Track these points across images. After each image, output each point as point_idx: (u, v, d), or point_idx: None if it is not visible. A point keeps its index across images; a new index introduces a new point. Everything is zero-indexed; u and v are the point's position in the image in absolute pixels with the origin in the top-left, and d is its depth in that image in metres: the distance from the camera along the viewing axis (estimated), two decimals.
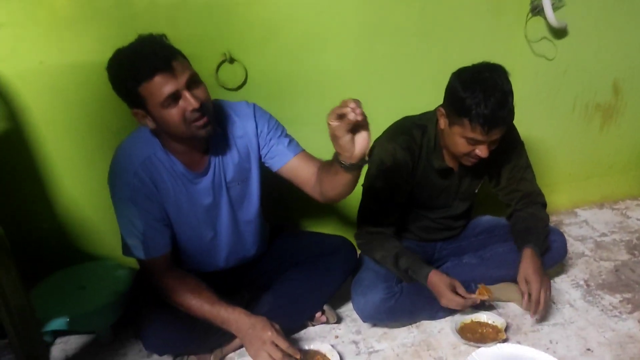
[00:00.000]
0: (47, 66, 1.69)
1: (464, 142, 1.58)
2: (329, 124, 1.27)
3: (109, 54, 1.70)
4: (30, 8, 1.63)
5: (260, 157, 1.63)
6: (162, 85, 1.33)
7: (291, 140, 1.64)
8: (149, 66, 1.32)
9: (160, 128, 1.43)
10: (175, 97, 1.35)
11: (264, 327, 1.49)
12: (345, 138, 1.28)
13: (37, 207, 1.85)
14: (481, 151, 1.58)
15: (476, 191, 1.87)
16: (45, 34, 1.66)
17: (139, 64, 1.33)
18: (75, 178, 1.84)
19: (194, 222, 1.60)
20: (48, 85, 1.71)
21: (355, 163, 1.34)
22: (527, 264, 1.70)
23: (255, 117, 1.59)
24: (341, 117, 1.25)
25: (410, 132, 1.72)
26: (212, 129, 1.43)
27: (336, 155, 1.36)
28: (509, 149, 1.81)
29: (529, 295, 1.68)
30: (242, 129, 1.58)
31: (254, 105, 1.62)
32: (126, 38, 1.46)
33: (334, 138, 1.29)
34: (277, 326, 1.52)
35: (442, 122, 1.66)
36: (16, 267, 1.35)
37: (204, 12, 1.79)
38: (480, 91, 1.50)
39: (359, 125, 1.27)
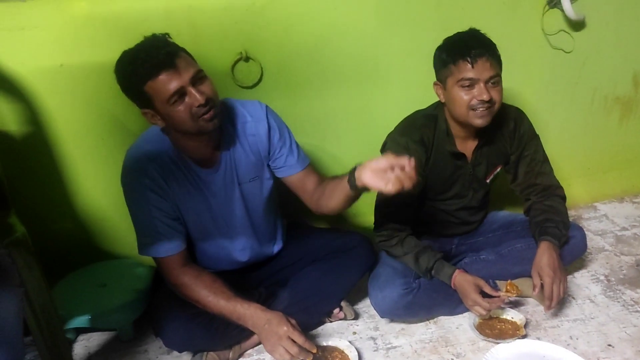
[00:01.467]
0: (67, 68, 1.72)
1: (461, 91, 1.59)
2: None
3: None
4: (50, 12, 1.66)
5: (268, 159, 1.65)
6: (167, 83, 1.35)
7: (299, 152, 1.66)
8: (152, 64, 1.34)
9: (169, 125, 1.45)
10: (180, 93, 1.37)
11: (280, 322, 1.50)
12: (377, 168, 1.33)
13: (58, 206, 1.88)
14: (480, 92, 1.57)
15: (488, 181, 1.85)
16: (65, 37, 1.69)
17: (142, 63, 1.35)
18: (96, 178, 1.86)
19: (207, 219, 1.62)
20: (68, 88, 1.74)
21: (357, 185, 1.39)
22: (541, 257, 1.70)
23: (268, 119, 1.60)
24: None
25: (421, 124, 1.74)
26: (219, 121, 1.45)
27: (353, 169, 1.40)
28: (524, 142, 1.81)
29: (543, 288, 1.67)
30: (254, 128, 1.60)
31: (267, 106, 1.63)
32: (144, 36, 1.48)
33: (373, 161, 1.34)
34: (293, 321, 1.53)
35: (441, 95, 1.68)
36: (39, 266, 1.38)
37: (220, 12, 1.80)
38: (455, 41, 1.64)
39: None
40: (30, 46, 1.66)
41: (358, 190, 1.42)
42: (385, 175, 1.30)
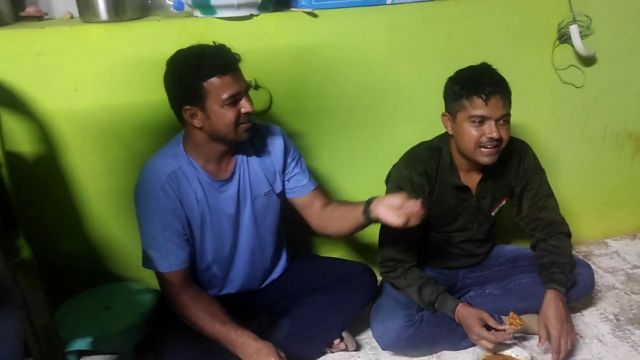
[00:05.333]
0: (81, 93, 1.76)
1: (472, 127, 1.60)
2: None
3: (140, 81, 1.77)
4: (66, 39, 1.70)
5: (282, 177, 1.69)
6: (230, 84, 1.44)
7: (309, 174, 1.73)
8: (222, 63, 1.44)
9: (207, 127, 1.49)
10: (236, 98, 1.46)
11: (268, 353, 1.51)
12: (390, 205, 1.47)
13: (67, 228, 1.90)
14: (491, 130, 1.58)
15: (493, 214, 1.84)
16: (80, 64, 1.73)
17: (212, 59, 1.44)
18: (106, 201, 1.89)
19: (217, 233, 1.64)
20: (82, 112, 1.77)
21: (370, 217, 1.52)
22: (548, 308, 1.67)
23: (284, 138, 1.67)
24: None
25: (425, 156, 1.75)
26: (250, 135, 1.55)
27: (369, 201, 1.53)
28: (528, 175, 1.80)
29: (550, 340, 1.66)
30: (270, 145, 1.66)
31: (281, 129, 1.70)
32: (156, 63, 1.52)
33: (388, 198, 1.50)
34: (282, 354, 1.54)
35: (449, 126, 1.69)
36: (43, 288, 1.40)
37: (232, 40, 1.80)
38: (468, 75, 1.65)
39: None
40: (46, 71, 1.71)
41: (370, 221, 1.54)
42: (397, 211, 1.44)
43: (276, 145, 1.66)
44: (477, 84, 1.59)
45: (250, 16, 1.82)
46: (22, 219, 1.71)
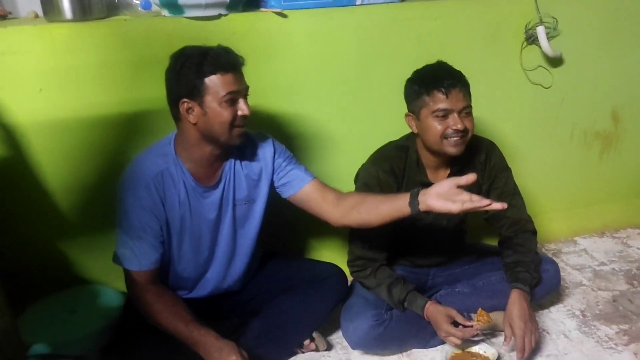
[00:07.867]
0: (46, 93, 1.73)
1: (435, 121, 1.63)
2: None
3: (106, 80, 1.75)
4: (30, 38, 1.67)
5: (272, 183, 1.68)
6: (231, 82, 1.46)
7: (306, 168, 1.71)
8: (226, 61, 1.46)
9: (202, 124, 1.48)
10: (234, 98, 1.47)
11: (230, 352, 1.49)
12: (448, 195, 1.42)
13: (31, 230, 1.86)
14: (455, 122, 1.61)
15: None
16: (45, 63, 1.70)
17: (216, 57, 1.45)
18: (70, 203, 1.86)
19: (195, 237, 1.63)
20: (47, 112, 1.75)
21: (420, 209, 1.46)
22: (512, 308, 1.69)
23: (274, 144, 1.67)
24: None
25: (392, 155, 1.77)
26: (243, 141, 1.55)
27: (415, 193, 1.47)
28: (495, 174, 1.83)
29: (515, 339, 1.67)
30: (261, 151, 1.65)
31: (271, 136, 1.71)
32: (122, 63, 1.50)
33: (436, 186, 1.45)
34: (244, 353, 1.52)
35: (414, 125, 1.72)
36: (2, 291, 1.37)
37: (202, 40, 1.79)
38: (426, 72, 1.69)
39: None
40: (9, 71, 1.67)
41: (419, 213, 1.48)
42: (451, 197, 1.42)
43: (266, 151, 1.66)
44: (435, 79, 1.63)
45: (219, 16, 1.81)
46: None
